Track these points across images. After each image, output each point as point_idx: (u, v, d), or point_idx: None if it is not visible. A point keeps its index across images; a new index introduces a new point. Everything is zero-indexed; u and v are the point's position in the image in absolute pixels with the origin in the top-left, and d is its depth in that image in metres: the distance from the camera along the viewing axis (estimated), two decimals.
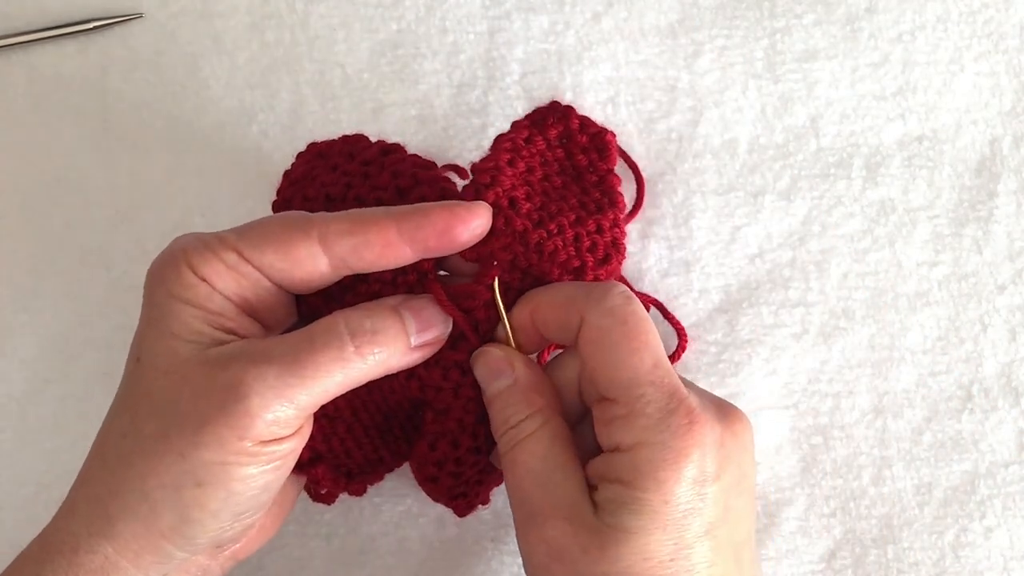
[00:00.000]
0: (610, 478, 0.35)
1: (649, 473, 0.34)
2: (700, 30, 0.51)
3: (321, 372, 0.34)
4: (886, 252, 0.49)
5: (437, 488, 0.42)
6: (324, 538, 0.48)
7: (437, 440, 0.41)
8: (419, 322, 0.37)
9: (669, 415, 0.35)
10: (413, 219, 0.36)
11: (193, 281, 0.35)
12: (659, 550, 0.34)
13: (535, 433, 0.37)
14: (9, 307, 0.49)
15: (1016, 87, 0.51)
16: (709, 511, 0.35)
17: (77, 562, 0.34)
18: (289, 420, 0.34)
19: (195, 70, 0.51)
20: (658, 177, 0.50)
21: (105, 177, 0.50)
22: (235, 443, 0.33)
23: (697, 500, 0.34)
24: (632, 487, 0.34)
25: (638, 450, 0.34)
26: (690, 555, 0.34)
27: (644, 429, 0.35)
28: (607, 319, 0.36)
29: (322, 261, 0.36)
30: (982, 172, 0.50)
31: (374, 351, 0.36)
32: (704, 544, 0.35)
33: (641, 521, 0.34)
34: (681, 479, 0.34)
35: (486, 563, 0.47)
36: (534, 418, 0.37)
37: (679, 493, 0.34)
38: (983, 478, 0.48)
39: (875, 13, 0.51)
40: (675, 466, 0.34)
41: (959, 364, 0.49)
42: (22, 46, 0.51)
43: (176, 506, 0.34)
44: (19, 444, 0.48)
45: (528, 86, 0.51)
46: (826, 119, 0.50)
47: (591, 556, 0.34)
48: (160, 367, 0.35)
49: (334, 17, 0.51)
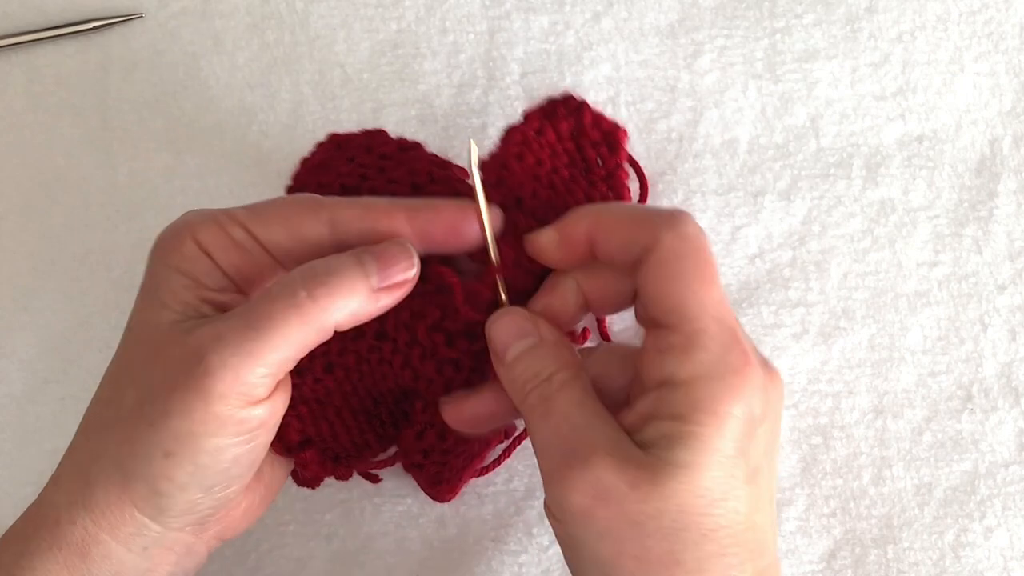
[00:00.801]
0: (661, 415, 0.34)
1: (708, 407, 0.33)
2: (700, 30, 0.51)
3: (277, 323, 0.33)
4: (886, 252, 0.49)
5: (421, 474, 0.43)
6: (324, 538, 0.48)
7: (426, 430, 0.41)
8: (381, 262, 0.35)
9: (728, 351, 0.34)
10: (423, 213, 0.36)
11: (194, 253, 0.35)
12: (712, 487, 0.33)
13: (569, 382, 0.36)
14: (9, 307, 0.49)
15: (1016, 87, 0.51)
16: (756, 455, 0.34)
17: (59, 534, 0.34)
18: (256, 381, 0.34)
19: (195, 70, 0.51)
20: (658, 177, 0.50)
21: (105, 177, 0.50)
22: (202, 410, 0.33)
23: (747, 440, 0.33)
24: (688, 421, 0.33)
25: (696, 383, 0.33)
26: (740, 496, 0.33)
27: (703, 363, 0.33)
28: (684, 244, 0.35)
29: (327, 243, 0.36)
30: (982, 172, 0.50)
31: (330, 296, 0.34)
32: (750, 487, 0.34)
33: (696, 456, 0.32)
34: (737, 416, 0.33)
35: (486, 563, 0.47)
36: (566, 370, 0.36)
37: (733, 430, 0.33)
38: (983, 478, 0.48)
39: (875, 13, 0.51)
40: (733, 401, 0.33)
41: (959, 364, 0.49)
42: (22, 46, 0.51)
43: (146, 476, 0.34)
44: (19, 444, 0.48)
45: (528, 86, 0.51)
46: (826, 119, 0.50)
47: (641, 492, 0.32)
48: (144, 337, 0.35)
49: (334, 17, 0.51)
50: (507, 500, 0.48)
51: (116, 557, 0.35)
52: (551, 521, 0.36)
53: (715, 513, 0.33)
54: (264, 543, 0.48)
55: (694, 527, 0.33)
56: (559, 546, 0.37)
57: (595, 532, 0.33)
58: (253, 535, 0.47)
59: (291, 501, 0.48)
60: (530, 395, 0.36)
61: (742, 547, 0.34)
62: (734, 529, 0.33)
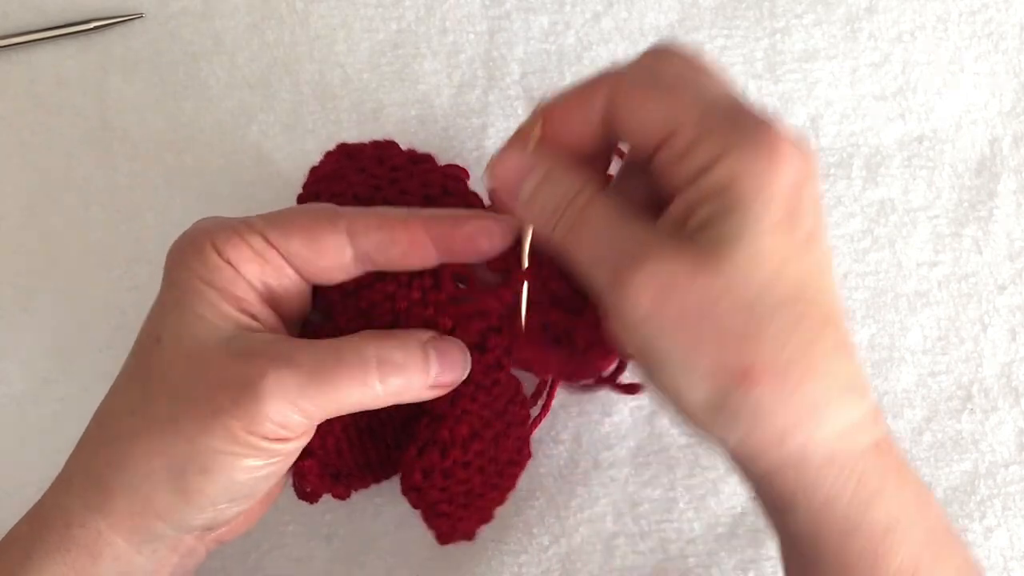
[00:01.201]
0: (703, 197, 0.32)
1: (745, 171, 0.31)
2: (700, 30, 0.51)
3: (341, 391, 0.35)
4: (886, 252, 0.49)
5: (421, 498, 0.41)
6: (324, 538, 0.48)
7: (426, 446, 0.40)
8: (442, 364, 0.37)
9: (744, 117, 0.32)
10: (444, 223, 0.37)
11: (218, 263, 0.35)
12: (772, 252, 0.31)
13: (594, 197, 0.34)
14: (9, 307, 0.49)
15: (1016, 87, 0.51)
16: (806, 216, 0.32)
17: (69, 536, 0.34)
18: (297, 426, 0.34)
19: (195, 70, 0.51)
20: None
21: (105, 177, 0.50)
22: (243, 436, 0.33)
23: (796, 201, 0.32)
24: (730, 192, 0.31)
25: (727, 155, 0.31)
26: (802, 260, 0.32)
27: (725, 134, 0.32)
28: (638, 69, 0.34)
29: (347, 253, 0.36)
30: (982, 172, 0.50)
31: (395, 383, 0.36)
32: (810, 250, 0.32)
33: (748, 225, 0.31)
34: (778, 174, 0.31)
35: (486, 563, 0.47)
36: (590, 185, 0.35)
37: (778, 192, 0.31)
38: (983, 478, 0.48)
39: (875, 13, 0.51)
40: (769, 160, 0.31)
41: (959, 364, 0.49)
42: (22, 46, 0.51)
43: (177, 488, 0.34)
44: (19, 444, 0.48)
45: (528, 86, 0.51)
46: (826, 119, 0.50)
47: (705, 274, 0.31)
48: (182, 350, 0.35)
49: (334, 17, 0.51)
50: (505, 505, 0.48)
51: (126, 559, 0.35)
52: (623, 337, 0.34)
53: (781, 280, 0.31)
54: (264, 543, 0.48)
55: (766, 296, 0.31)
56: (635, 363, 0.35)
57: (670, 328, 0.32)
58: (253, 535, 0.47)
59: (291, 501, 0.47)
60: (559, 226, 0.35)
61: (817, 315, 0.32)
62: (804, 295, 0.32)
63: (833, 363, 0.32)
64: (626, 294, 0.32)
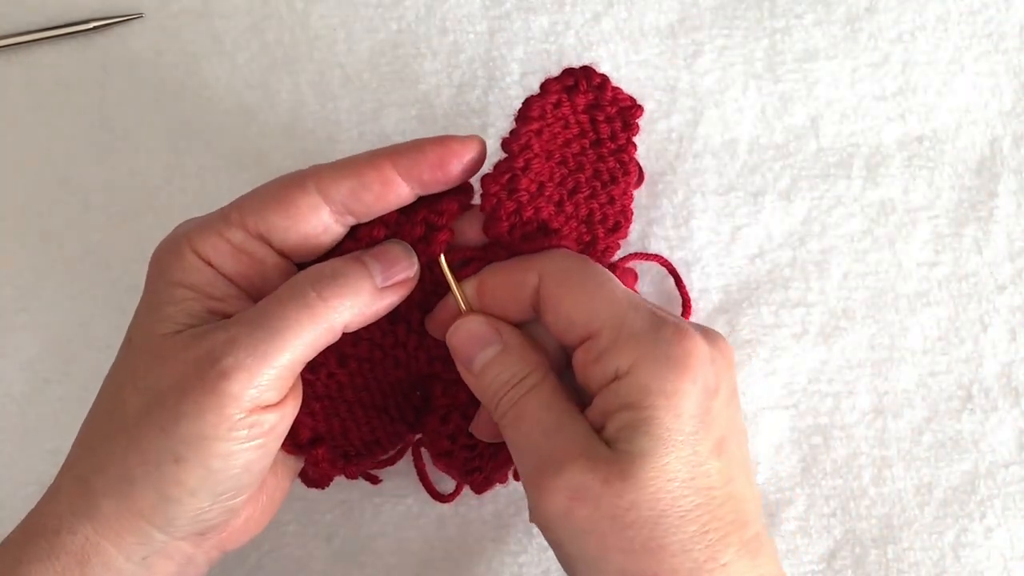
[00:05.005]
0: (616, 407, 0.34)
1: (656, 388, 0.33)
2: (700, 30, 0.51)
3: (289, 324, 0.34)
4: (886, 252, 0.49)
5: (452, 463, 0.42)
6: (324, 538, 0.48)
7: (449, 412, 0.41)
8: (383, 262, 0.37)
9: (658, 328, 0.34)
10: (407, 155, 0.37)
11: (196, 265, 0.36)
12: (680, 468, 0.33)
13: (539, 385, 0.36)
14: (9, 307, 0.49)
15: (1016, 87, 0.51)
16: (717, 425, 0.34)
17: (59, 543, 0.34)
18: (270, 383, 0.34)
19: (195, 70, 0.51)
20: (658, 177, 0.50)
21: (105, 177, 0.50)
22: (215, 412, 0.33)
23: (704, 414, 0.34)
24: (641, 407, 0.33)
25: (639, 367, 0.34)
26: (710, 471, 0.34)
27: (638, 345, 0.34)
28: (568, 262, 0.37)
29: (324, 211, 0.36)
30: (982, 172, 0.50)
31: (338, 296, 0.35)
32: (719, 460, 0.34)
33: (656, 441, 0.33)
34: (688, 390, 0.34)
35: (486, 563, 0.47)
36: (535, 373, 0.37)
37: (688, 405, 0.34)
38: (983, 478, 0.48)
39: (875, 13, 0.51)
40: (679, 376, 0.34)
41: (959, 364, 0.49)
42: (22, 46, 0.51)
43: (156, 483, 0.34)
44: (19, 444, 0.48)
45: (528, 86, 0.51)
46: (826, 119, 0.50)
47: (614, 488, 0.33)
48: (147, 347, 0.35)
49: (334, 17, 0.51)
50: (507, 500, 0.48)
51: (116, 567, 0.35)
52: (540, 527, 0.36)
53: (688, 493, 0.34)
54: (264, 543, 0.48)
55: (671, 511, 0.33)
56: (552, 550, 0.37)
57: (579, 532, 0.34)
58: None
59: (291, 501, 0.48)
60: (501, 403, 0.37)
61: (723, 521, 0.34)
62: (711, 505, 0.34)
63: (736, 566, 0.34)
64: (542, 496, 0.34)
